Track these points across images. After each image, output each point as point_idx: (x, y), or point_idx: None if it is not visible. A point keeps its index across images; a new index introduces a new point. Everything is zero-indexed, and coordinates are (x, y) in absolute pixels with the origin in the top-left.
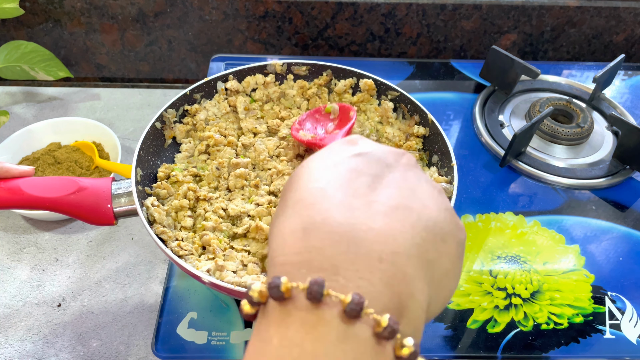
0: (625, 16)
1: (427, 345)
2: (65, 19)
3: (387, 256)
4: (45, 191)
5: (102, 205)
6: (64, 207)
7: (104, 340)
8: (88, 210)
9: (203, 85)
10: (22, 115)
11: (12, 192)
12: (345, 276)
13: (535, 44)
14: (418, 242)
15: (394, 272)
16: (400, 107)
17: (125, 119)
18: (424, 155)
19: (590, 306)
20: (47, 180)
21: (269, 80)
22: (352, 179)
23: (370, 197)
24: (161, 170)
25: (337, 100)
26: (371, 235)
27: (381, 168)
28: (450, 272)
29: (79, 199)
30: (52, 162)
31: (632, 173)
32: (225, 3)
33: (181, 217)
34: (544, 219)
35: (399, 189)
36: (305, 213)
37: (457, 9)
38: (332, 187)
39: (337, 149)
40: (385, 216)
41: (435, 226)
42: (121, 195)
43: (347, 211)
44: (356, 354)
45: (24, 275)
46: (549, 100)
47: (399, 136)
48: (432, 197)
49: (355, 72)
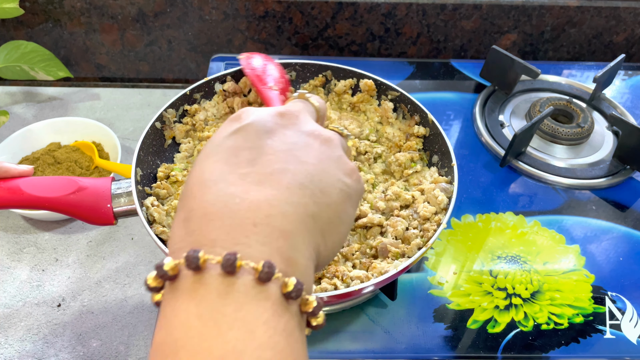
0: (625, 16)
1: (427, 345)
2: (65, 19)
3: (261, 219)
4: (45, 191)
5: (101, 205)
6: (64, 207)
7: (104, 340)
8: (88, 210)
9: (203, 85)
10: (22, 115)
11: (12, 191)
12: (222, 245)
13: (535, 44)
14: (294, 200)
15: (270, 232)
16: (401, 107)
17: (125, 119)
18: (424, 155)
19: (591, 306)
20: (47, 180)
21: None
22: (230, 157)
23: (245, 170)
24: (161, 170)
25: (337, 100)
26: (244, 205)
27: (259, 137)
28: (335, 219)
29: (78, 198)
30: (52, 162)
31: (632, 173)
32: (225, 3)
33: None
34: (544, 219)
35: (275, 154)
36: (187, 205)
37: (457, 9)
38: (209, 172)
39: (219, 132)
40: (258, 184)
41: (312, 181)
42: (121, 195)
43: (222, 190)
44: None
45: (24, 275)
46: (549, 100)
47: (399, 136)
48: (312, 152)
49: (355, 72)
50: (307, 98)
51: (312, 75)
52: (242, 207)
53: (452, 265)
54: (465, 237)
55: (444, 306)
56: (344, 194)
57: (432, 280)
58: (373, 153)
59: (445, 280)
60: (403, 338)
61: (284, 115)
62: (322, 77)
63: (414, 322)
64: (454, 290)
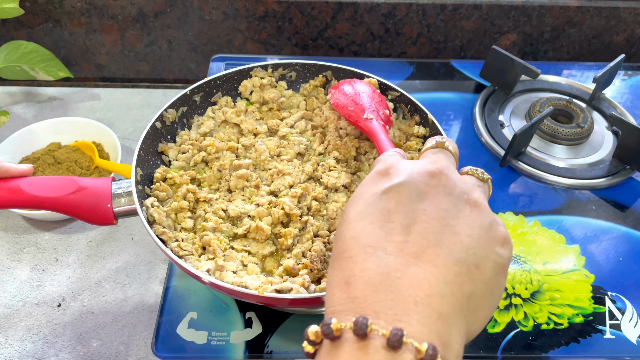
0: (625, 16)
1: None
2: (65, 19)
3: (422, 299)
4: (45, 191)
5: (102, 204)
6: (64, 207)
7: (104, 340)
8: (88, 209)
9: (203, 86)
10: (22, 115)
11: (12, 191)
12: (385, 319)
13: (535, 44)
14: (451, 279)
15: (429, 313)
16: (401, 107)
17: (125, 119)
18: None
19: (591, 306)
20: (47, 179)
21: (265, 83)
22: (384, 221)
23: (402, 238)
24: (158, 172)
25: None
26: (405, 281)
27: (412, 201)
28: (487, 294)
29: (78, 198)
30: (52, 162)
31: (632, 173)
32: (225, 3)
33: (181, 218)
34: (544, 219)
35: (429, 221)
36: (346, 266)
37: (457, 9)
38: (366, 235)
39: (368, 186)
40: (416, 258)
41: (467, 255)
42: (121, 195)
43: (381, 259)
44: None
45: (24, 275)
46: (549, 100)
47: (399, 136)
48: (464, 219)
49: (356, 72)
50: (447, 147)
51: (312, 76)
52: (403, 282)
53: None
54: None
55: None
56: (498, 266)
57: None
58: (374, 153)
59: None
60: None
61: (434, 175)
62: (323, 77)
63: None
64: None
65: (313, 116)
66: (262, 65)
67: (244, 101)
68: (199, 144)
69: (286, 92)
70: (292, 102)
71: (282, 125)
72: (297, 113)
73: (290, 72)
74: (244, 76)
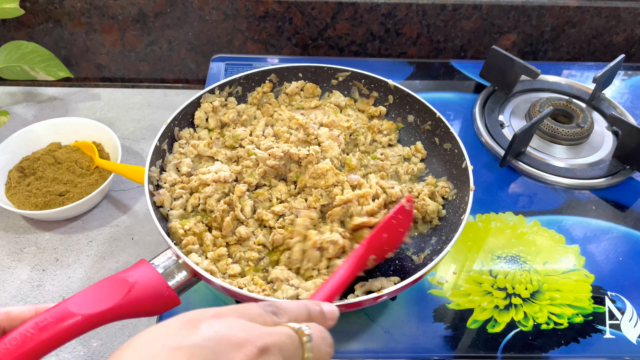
0: (625, 16)
1: (427, 345)
2: (65, 19)
3: None
4: (98, 304)
5: (161, 291)
6: (127, 312)
7: (104, 340)
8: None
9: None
10: (22, 115)
11: (64, 319)
12: None
13: (535, 44)
14: None
15: None
16: (355, 85)
17: (125, 119)
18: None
19: (590, 306)
20: (92, 290)
21: (216, 105)
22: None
23: None
24: (176, 228)
25: (288, 102)
26: None
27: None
28: None
29: (136, 296)
30: (52, 162)
31: (632, 173)
32: (225, 3)
33: (224, 267)
34: (544, 219)
35: None
36: None
37: (457, 9)
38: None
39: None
40: None
41: None
42: (168, 267)
43: None
44: None
45: (24, 275)
46: (549, 100)
47: (361, 118)
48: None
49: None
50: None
51: (258, 84)
52: None
53: (451, 265)
54: (465, 237)
55: (443, 306)
56: None
57: (432, 280)
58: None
59: (445, 280)
60: (403, 338)
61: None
62: (269, 82)
63: (414, 322)
64: (453, 290)
65: (274, 121)
66: (209, 90)
67: (205, 130)
68: (189, 186)
69: (239, 107)
70: (248, 113)
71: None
72: (260, 122)
73: (235, 88)
74: (194, 107)
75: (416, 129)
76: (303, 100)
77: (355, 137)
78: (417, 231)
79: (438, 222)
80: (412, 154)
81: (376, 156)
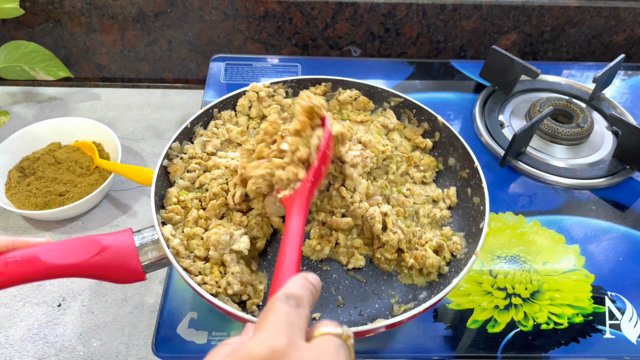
0: (625, 16)
1: (427, 345)
2: (65, 19)
3: None
4: (65, 257)
5: (129, 262)
6: (89, 271)
7: (104, 340)
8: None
9: (202, 116)
10: (22, 115)
11: (29, 263)
12: None
13: (535, 44)
14: None
15: None
16: (405, 113)
17: (125, 119)
18: (436, 162)
19: (590, 306)
20: (66, 243)
21: (262, 96)
22: None
23: None
24: (174, 195)
25: (338, 109)
26: None
27: None
28: None
29: (104, 259)
30: (52, 162)
31: (632, 173)
32: (225, 3)
33: (194, 245)
34: (543, 219)
35: None
36: None
37: (457, 9)
38: None
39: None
40: None
41: None
42: (146, 245)
43: None
44: None
45: None
46: (549, 100)
47: (404, 146)
48: None
49: (354, 82)
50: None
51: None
52: None
53: None
54: None
55: (443, 306)
56: None
57: None
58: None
59: None
60: (403, 338)
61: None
62: (324, 86)
63: (414, 321)
64: (453, 290)
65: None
66: (240, 92)
67: (245, 117)
68: (205, 164)
69: (286, 100)
70: (293, 111)
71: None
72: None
73: (286, 89)
74: (240, 96)
75: (454, 174)
76: (353, 111)
77: (387, 164)
78: (410, 280)
79: (436, 278)
80: (441, 198)
81: (401, 190)
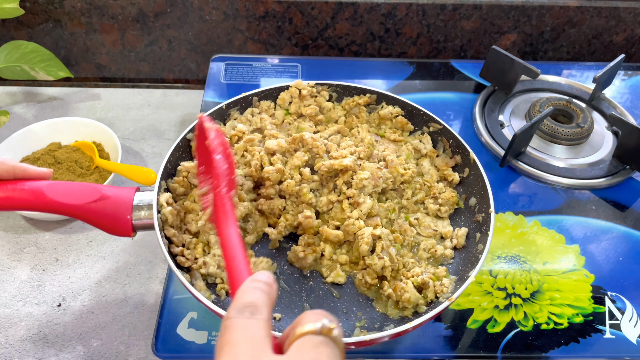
0: (625, 16)
1: (427, 345)
2: (65, 19)
3: None
4: (67, 197)
5: (121, 215)
6: (85, 215)
7: (104, 340)
8: (108, 219)
9: (239, 100)
10: (22, 115)
11: (35, 195)
12: None
13: (535, 44)
14: None
15: None
16: (442, 141)
17: (125, 119)
18: (457, 198)
19: (590, 306)
20: (71, 185)
21: (304, 94)
22: None
23: None
24: (184, 165)
25: (377, 123)
26: None
27: None
28: None
29: (100, 207)
30: (52, 162)
31: (632, 173)
32: (225, 3)
33: (189, 219)
34: (543, 219)
35: None
36: None
37: (457, 9)
38: None
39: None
40: None
41: None
42: (142, 208)
43: None
44: None
45: (24, 275)
46: (549, 100)
47: (432, 174)
48: None
49: (399, 100)
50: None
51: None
52: None
53: None
54: None
55: None
56: None
57: None
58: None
59: None
60: (403, 338)
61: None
62: (367, 97)
63: None
64: None
65: (350, 135)
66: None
67: (283, 111)
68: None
69: (327, 103)
70: (330, 115)
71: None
72: (333, 127)
73: (331, 93)
74: (283, 90)
75: (472, 215)
76: (392, 128)
77: (403, 188)
78: (384, 309)
79: (410, 315)
80: (450, 237)
81: (409, 217)
